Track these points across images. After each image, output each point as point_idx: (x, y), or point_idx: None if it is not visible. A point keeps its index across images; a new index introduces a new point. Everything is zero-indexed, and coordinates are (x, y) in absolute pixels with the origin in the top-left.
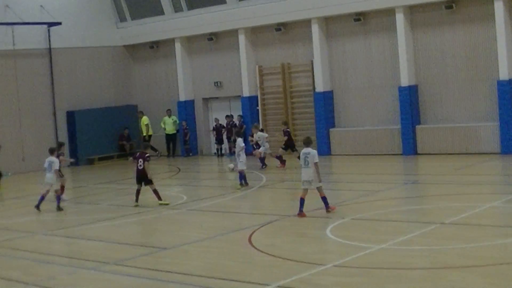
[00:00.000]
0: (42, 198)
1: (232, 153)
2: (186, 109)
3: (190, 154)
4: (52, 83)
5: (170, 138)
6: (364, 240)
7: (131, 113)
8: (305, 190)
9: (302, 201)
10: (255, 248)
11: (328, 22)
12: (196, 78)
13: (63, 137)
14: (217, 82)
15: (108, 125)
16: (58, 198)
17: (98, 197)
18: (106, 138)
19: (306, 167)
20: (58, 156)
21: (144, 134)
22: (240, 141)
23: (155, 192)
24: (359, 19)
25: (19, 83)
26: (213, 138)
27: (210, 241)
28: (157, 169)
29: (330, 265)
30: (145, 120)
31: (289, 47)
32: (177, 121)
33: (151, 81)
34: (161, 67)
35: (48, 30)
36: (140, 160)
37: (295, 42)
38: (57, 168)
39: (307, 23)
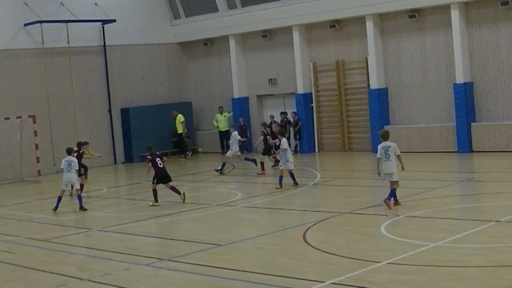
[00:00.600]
0: (59, 200)
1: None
2: (240, 106)
3: (245, 151)
4: (107, 81)
5: (223, 135)
6: (418, 237)
7: (185, 110)
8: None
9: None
10: (310, 245)
11: (382, 19)
12: (250, 75)
13: (118, 134)
14: (271, 79)
15: (162, 122)
16: (80, 198)
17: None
18: (160, 135)
19: (388, 160)
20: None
21: (180, 132)
22: (285, 141)
23: (174, 188)
24: (414, 16)
25: (73, 80)
26: None
27: (265, 238)
28: (212, 166)
29: (384, 262)
30: (181, 118)
31: (344, 44)
32: (231, 118)
33: (205, 78)
34: (215, 64)
35: (102, 28)
36: (158, 159)
37: (349, 39)
38: (77, 168)
39: (361, 20)
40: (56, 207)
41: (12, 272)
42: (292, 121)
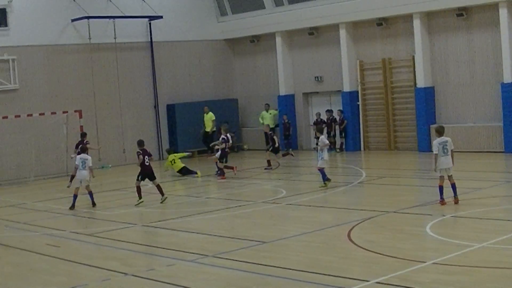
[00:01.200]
0: (75, 198)
1: (331, 148)
2: (286, 104)
3: (290, 149)
4: (153, 77)
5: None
6: (464, 238)
7: (231, 106)
8: (443, 178)
9: (441, 188)
10: (354, 243)
11: (430, 17)
12: (297, 72)
13: (164, 130)
14: (317, 77)
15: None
16: (91, 194)
17: (198, 190)
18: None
19: (446, 155)
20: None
21: (208, 130)
22: (323, 138)
23: (159, 187)
24: (461, 14)
25: (120, 76)
26: (313, 133)
27: (309, 236)
28: (257, 163)
29: (429, 262)
30: (212, 116)
31: (390, 42)
32: (277, 115)
33: (251, 75)
34: (262, 61)
35: (149, 24)
36: (146, 157)
37: (396, 37)
38: (91, 165)
39: (408, 18)
40: (73, 206)
41: (57, 266)
42: (338, 119)
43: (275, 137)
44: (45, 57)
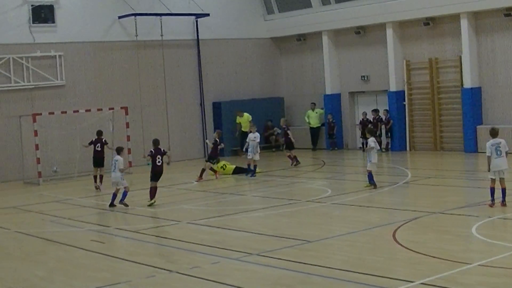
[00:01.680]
0: (114, 196)
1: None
2: (332, 103)
3: (336, 148)
4: (199, 74)
5: (314, 131)
6: (511, 240)
7: (277, 105)
8: (494, 180)
9: (492, 190)
10: (399, 244)
11: (477, 16)
12: (343, 71)
13: (209, 127)
14: (363, 76)
15: (253, 116)
16: (124, 194)
17: (243, 188)
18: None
19: (499, 157)
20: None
21: (246, 130)
22: (370, 141)
23: (155, 189)
24: (509, 14)
25: (166, 73)
26: (358, 132)
27: (354, 236)
28: (302, 162)
29: (475, 264)
30: (249, 117)
31: (437, 42)
32: (323, 114)
33: (298, 73)
34: (308, 60)
35: (196, 22)
36: (158, 156)
37: (443, 37)
38: (121, 167)
39: (456, 17)
40: (112, 203)
41: (102, 262)
42: (384, 119)
43: (289, 131)
44: (91, 54)
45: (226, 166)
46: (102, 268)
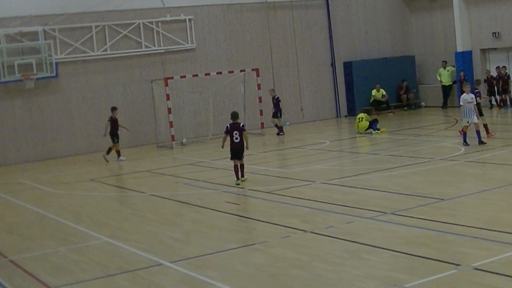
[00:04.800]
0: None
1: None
2: (463, 60)
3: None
4: (330, 34)
5: (445, 89)
6: None
7: (409, 64)
8: None
9: None
10: None
11: None
12: (474, 28)
13: (341, 87)
14: (495, 33)
15: (385, 76)
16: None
17: (376, 147)
18: (383, 89)
19: None
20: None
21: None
22: (463, 96)
23: (242, 167)
24: None
25: (296, 34)
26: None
27: (489, 193)
28: (433, 120)
29: None
30: (383, 91)
31: None
32: (454, 72)
33: (428, 32)
34: (438, 18)
35: None
36: (236, 132)
37: None
38: None
39: None
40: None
41: (236, 223)
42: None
43: (280, 101)
44: (221, 16)
45: (362, 120)
46: (237, 229)
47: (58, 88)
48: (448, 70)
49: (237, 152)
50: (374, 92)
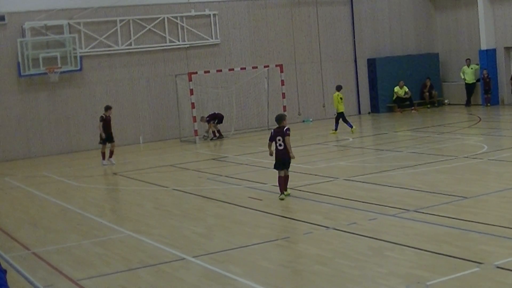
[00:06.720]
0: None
1: None
2: (487, 58)
3: (489, 104)
4: (353, 31)
5: (469, 87)
6: None
7: (432, 61)
8: None
9: None
10: None
11: None
12: (499, 26)
13: (364, 84)
14: None
15: (409, 73)
16: None
17: (399, 145)
18: (407, 86)
19: None
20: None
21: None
22: None
23: (287, 179)
24: None
25: (320, 30)
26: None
27: (511, 192)
28: (456, 118)
29: None
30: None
31: None
32: (478, 70)
33: (452, 29)
34: (463, 16)
35: None
36: (279, 138)
37: None
38: None
39: None
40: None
41: (260, 219)
42: None
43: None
44: (246, 12)
45: (342, 100)
46: (260, 225)
47: (82, 82)
48: (472, 68)
49: (281, 161)
50: (396, 89)
